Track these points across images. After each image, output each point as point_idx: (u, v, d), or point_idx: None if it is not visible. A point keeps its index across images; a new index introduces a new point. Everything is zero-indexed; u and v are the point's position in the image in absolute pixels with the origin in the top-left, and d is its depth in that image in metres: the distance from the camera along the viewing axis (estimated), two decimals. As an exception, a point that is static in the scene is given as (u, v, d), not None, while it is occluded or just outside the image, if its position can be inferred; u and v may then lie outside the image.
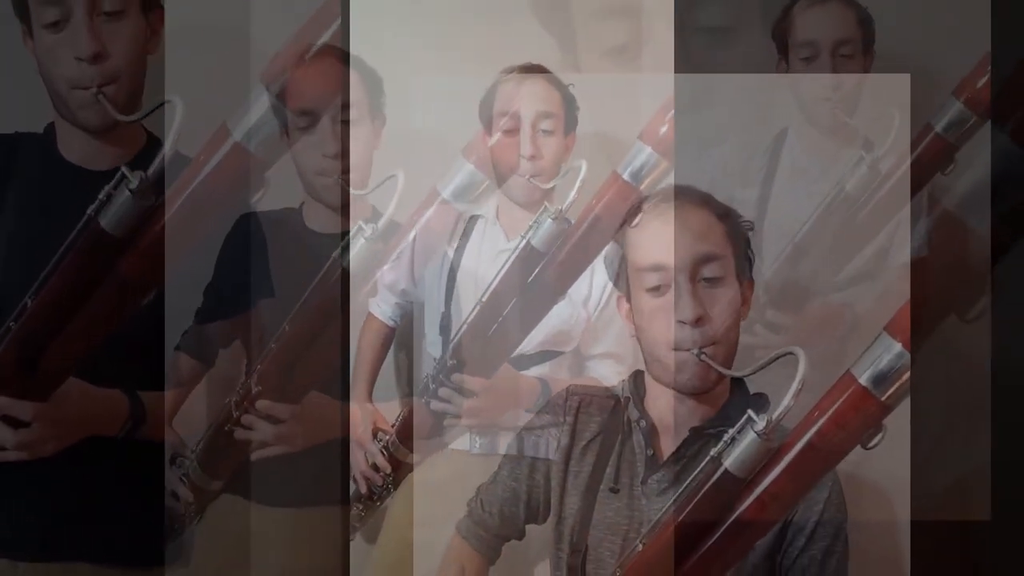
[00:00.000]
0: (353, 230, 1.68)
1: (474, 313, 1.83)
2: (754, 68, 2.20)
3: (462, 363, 1.87)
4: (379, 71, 2.04)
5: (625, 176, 1.77)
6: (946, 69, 2.08)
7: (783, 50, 2.16)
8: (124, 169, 1.43)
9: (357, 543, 2.07)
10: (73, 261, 1.49)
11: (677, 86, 2.00)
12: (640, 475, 1.60)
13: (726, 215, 1.60)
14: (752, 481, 1.37)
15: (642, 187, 1.81)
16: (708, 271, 1.54)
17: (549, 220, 1.77)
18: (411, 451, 2.00)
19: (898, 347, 1.33)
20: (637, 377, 1.66)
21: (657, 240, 1.56)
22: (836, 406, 1.35)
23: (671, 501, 1.42)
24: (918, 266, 2.13)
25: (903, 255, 2.18)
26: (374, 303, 2.05)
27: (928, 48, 2.22)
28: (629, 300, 1.62)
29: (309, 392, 1.88)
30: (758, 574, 1.59)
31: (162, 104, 1.43)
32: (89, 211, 1.44)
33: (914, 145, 2.02)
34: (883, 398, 1.34)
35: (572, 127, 2.03)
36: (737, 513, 1.37)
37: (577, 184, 1.77)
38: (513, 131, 1.97)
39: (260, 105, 1.43)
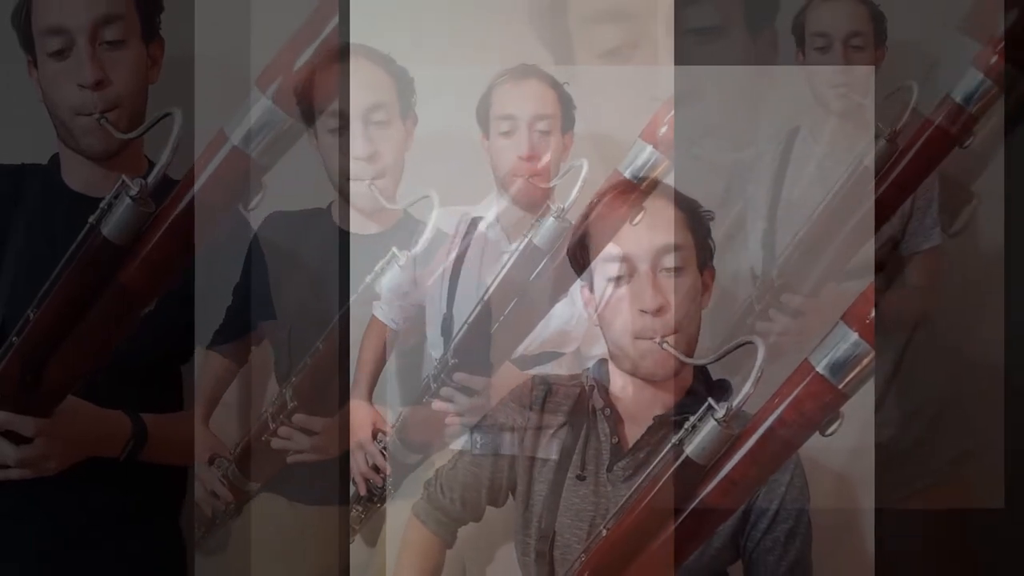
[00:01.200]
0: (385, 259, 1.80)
1: (476, 312, 1.86)
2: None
3: (464, 362, 1.89)
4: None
5: (627, 174, 1.79)
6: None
7: (800, 42, 2.23)
8: (124, 178, 1.46)
9: (357, 544, 2.10)
10: (75, 271, 1.51)
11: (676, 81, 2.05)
12: (606, 462, 1.66)
13: (687, 205, 1.64)
14: (713, 467, 1.41)
15: (643, 186, 1.82)
16: (669, 261, 1.59)
17: (551, 219, 1.80)
18: (413, 452, 2.03)
19: (854, 336, 1.37)
20: (601, 365, 1.71)
21: (625, 229, 1.61)
22: (794, 394, 1.38)
23: (635, 487, 1.46)
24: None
25: (919, 242, 2.22)
26: (377, 306, 2.09)
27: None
28: (592, 289, 1.66)
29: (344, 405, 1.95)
30: (722, 557, 1.65)
31: (165, 116, 1.46)
32: (91, 220, 1.47)
33: (933, 117, 2.01)
34: (840, 386, 1.37)
35: (569, 126, 2.05)
36: (699, 499, 1.41)
37: (579, 183, 1.78)
38: (510, 133, 1.99)
39: (257, 109, 1.45)
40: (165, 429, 1.86)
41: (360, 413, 2.02)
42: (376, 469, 2.03)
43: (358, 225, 2.10)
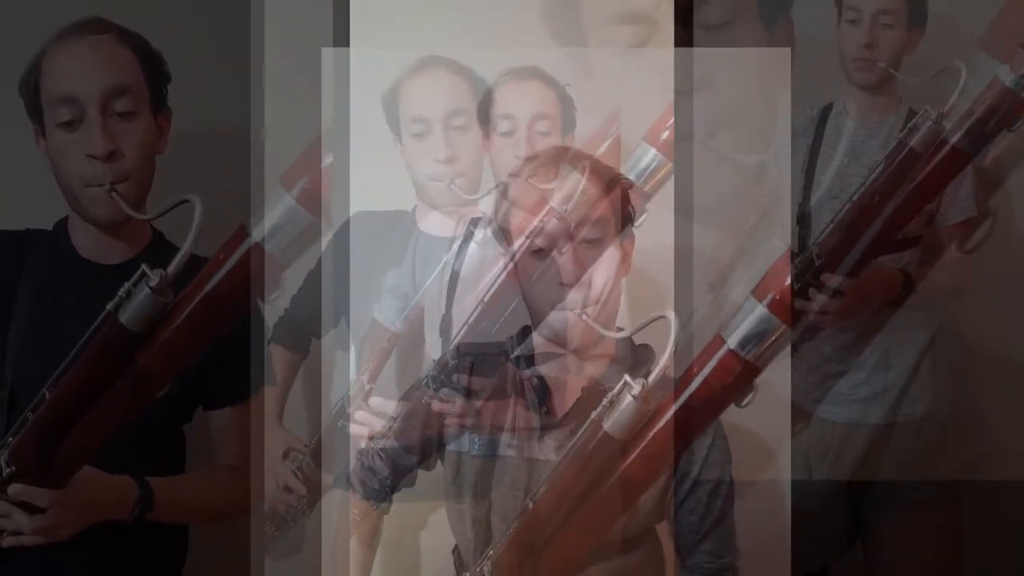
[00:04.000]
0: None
1: (476, 313, 1.87)
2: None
3: (463, 363, 1.83)
4: (382, 70, 2.13)
5: (630, 176, 1.85)
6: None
7: (839, 12, 2.27)
8: (144, 267, 1.45)
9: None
10: (92, 354, 1.52)
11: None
12: (536, 433, 1.69)
13: (608, 176, 1.67)
14: (633, 441, 1.47)
15: (647, 187, 1.91)
16: (591, 233, 1.63)
17: (554, 220, 1.74)
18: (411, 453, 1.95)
19: (764, 311, 1.42)
20: (526, 335, 1.74)
21: (536, 209, 1.64)
22: (709, 368, 1.44)
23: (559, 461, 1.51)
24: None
25: (952, 215, 2.22)
26: (377, 308, 2.10)
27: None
28: (516, 264, 1.69)
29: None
30: (649, 517, 1.70)
31: (183, 202, 1.46)
32: (109, 307, 1.47)
33: (981, 101, 2.00)
34: (752, 360, 1.43)
35: (570, 128, 2.07)
36: (619, 472, 1.48)
37: (581, 184, 1.74)
38: (510, 133, 2.02)
39: (280, 207, 1.47)
40: (170, 492, 1.87)
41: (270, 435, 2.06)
42: (288, 489, 2.12)
43: (439, 227, 2.14)
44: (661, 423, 1.46)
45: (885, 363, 2.28)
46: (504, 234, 1.70)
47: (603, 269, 1.63)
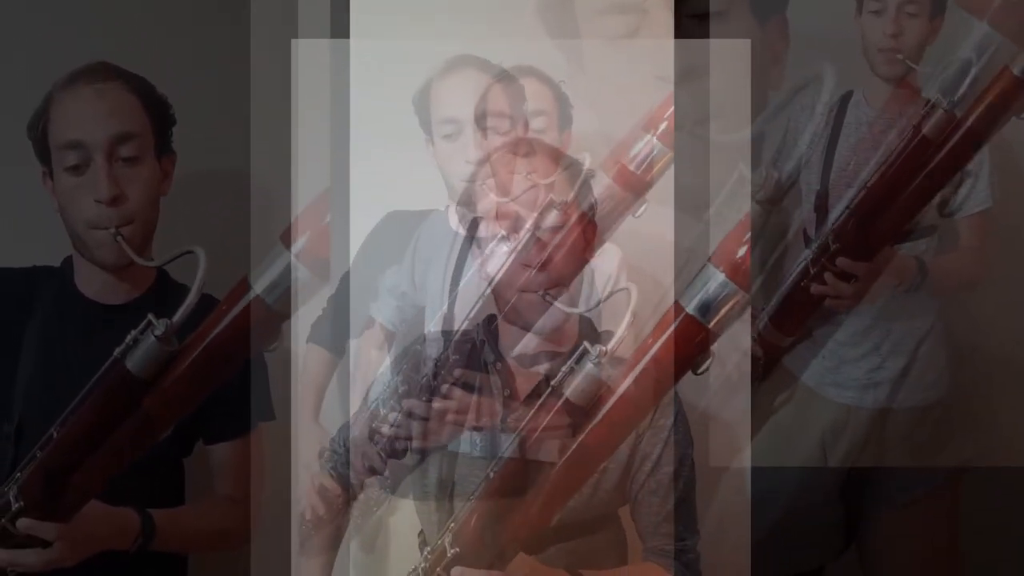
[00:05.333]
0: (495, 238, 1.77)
1: (476, 308, 1.85)
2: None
3: (464, 360, 1.83)
4: (381, 70, 2.17)
5: (631, 167, 1.86)
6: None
7: (859, 6, 2.25)
8: (151, 317, 1.50)
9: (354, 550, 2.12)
10: (99, 398, 1.57)
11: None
12: (500, 414, 1.72)
13: (568, 164, 1.70)
14: (593, 407, 1.48)
15: (648, 177, 1.88)
16: (550, 220, 1.65)
17: (555, 212, 1.76)
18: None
19: (722, 276, 1.44)
20: (491, 320, 1.76)
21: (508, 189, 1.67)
22: (668, 333, 1.46)
23: (517, 433, 1.54)
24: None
25: (969, 205, 2.21)
26: (375, 307, 2.11)
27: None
28: (480, 247, 1.74)
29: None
30: (611, 500, 1.73)
31: (187, 253, 1.52)
32: (116, 353, 1.51)
33: (991, 88, 2.00)
34: (710, 325, 1.44)
35: (567, 124, 2.07)
36: (580, 439, 1.50)
37: (581, 178, 1.77)
38: (507, 132, 2.01)
39: (280, 263, 1.50)
40: (172, 523, 1.90)
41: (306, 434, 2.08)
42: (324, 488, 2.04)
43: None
44: (622, 388, 1.48)
45: (899, 348, 2.25)
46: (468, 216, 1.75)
47: (565, 253, 1.65)
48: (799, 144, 2.29)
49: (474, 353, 1.78)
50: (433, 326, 2.02)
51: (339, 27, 2.20)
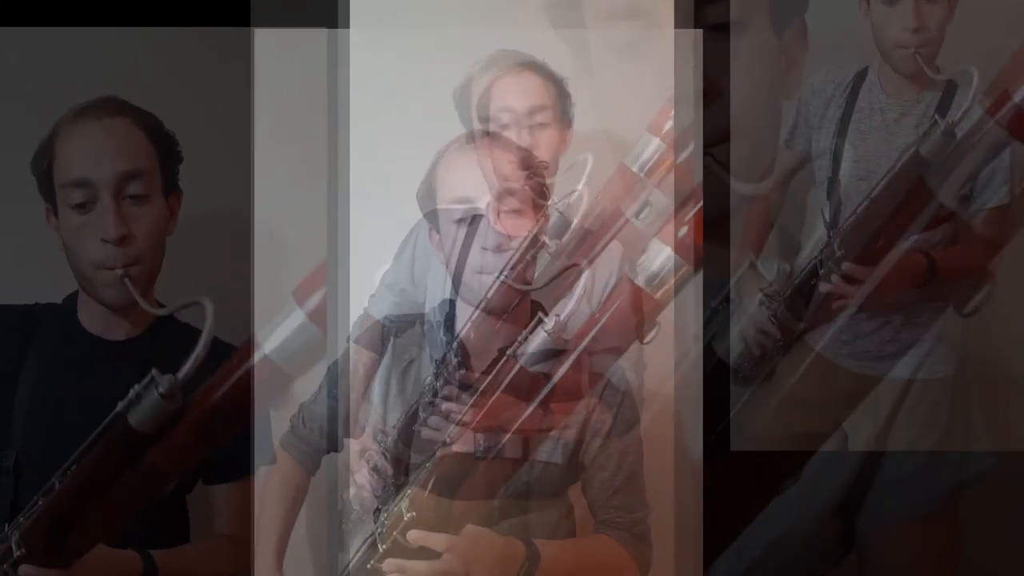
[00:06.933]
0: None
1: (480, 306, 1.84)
2: (759, 59, 2.27)
3: (467, 361, 1.86)
4: (382, 70, 2.13)
5: (634, 168, 1.88)
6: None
7: None
8: (154, 372, 1.42)
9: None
10: (101, 452, 1.52)
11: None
12: (455, 393, 1.74)
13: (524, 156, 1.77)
14: (546, 376, 1.58)
15: (652, 178, 1.89)
16: (509, 204, 1.72)
17: (557, 213, 1.80)
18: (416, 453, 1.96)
19: (668, 250, 1.53)
20: (448, 303, 1.81)
21: (466, 176, 1.74)
22: (617, 304, 1.55)
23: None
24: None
25: (986, 199, 2.16)
26: (372, 302, 2.07)
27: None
28: (439, 231, 1.78)
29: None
30: (563, 477, 1.78)
31: (192, 304, 1.44)
32: (119, 408, 1.45)
33: (993, 111, 1.94)
34: (656, 295, 1.53)
35: (569, 121, 2.05)
36: (532, 406, 1.59)
37: (584, 178, 1.77)
38: (508, 126, 1.99)
39: (291, 322, 1.48)
40: (172, 564, 1.88)
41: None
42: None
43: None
44: (574, 355, 1.56)
45: (913, 320, 2.22)
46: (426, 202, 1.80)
47: (522, 235, 1.70)
48: (810, 126, 2.26)
49: (431, 332, 1.83)
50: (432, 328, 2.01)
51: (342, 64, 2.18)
